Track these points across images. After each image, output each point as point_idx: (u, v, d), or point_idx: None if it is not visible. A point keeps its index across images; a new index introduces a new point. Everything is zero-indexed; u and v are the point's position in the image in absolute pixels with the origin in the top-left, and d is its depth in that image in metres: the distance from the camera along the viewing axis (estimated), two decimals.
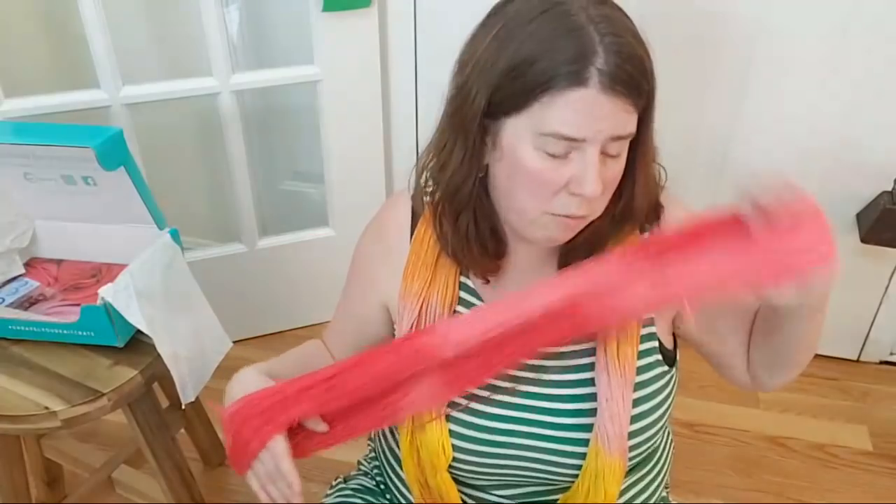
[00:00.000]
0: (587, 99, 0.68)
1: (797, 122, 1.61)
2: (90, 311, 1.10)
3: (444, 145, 0.79)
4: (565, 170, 0.72)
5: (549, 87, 0.68)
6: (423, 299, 0.85)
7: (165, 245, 1.18)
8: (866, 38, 1.49)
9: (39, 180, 1.21)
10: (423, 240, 0.87)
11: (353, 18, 1.61)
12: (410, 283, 0.86)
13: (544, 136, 0.70)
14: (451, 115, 0.78)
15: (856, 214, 1.67)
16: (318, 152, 1.81)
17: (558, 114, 0.69)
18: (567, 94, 0.68)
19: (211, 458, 1.63)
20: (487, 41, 0.73)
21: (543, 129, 0.70)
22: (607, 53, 0.68)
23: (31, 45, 1.74)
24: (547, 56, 0.68)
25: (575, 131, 0.69)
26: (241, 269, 1.87)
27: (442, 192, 0.81)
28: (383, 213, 0.95)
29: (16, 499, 1.36)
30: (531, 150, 0.72)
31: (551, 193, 0.73)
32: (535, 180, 0.73)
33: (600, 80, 0.68)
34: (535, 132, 0.71)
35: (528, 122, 0.71)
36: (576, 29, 0.69)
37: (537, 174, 0.72)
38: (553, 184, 0.72)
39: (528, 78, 0.69)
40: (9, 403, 1.06)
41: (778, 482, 1.62)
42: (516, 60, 0.70)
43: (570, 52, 0.68)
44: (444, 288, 0.86)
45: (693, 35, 1.55)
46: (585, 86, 0.68)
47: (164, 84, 1.60)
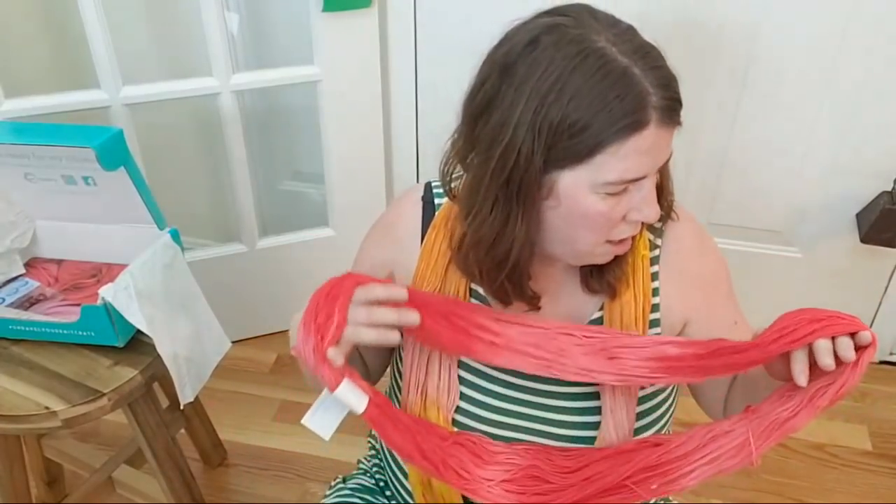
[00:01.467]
0: (649, 139, 0.69)
1: (797, 121, 1.61)
2: (90, 311, 1.10)
3: (492, 212, 0.74)
4: (624, 203, 0.73)
5: (613, 142, 0.68)
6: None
7: (165, 245, 1.18)
8: (866, 38, 1.49)
9: (39, 180, 1.21)
10: (434, 246, 0.86)
11: (353, 18, 1.61)
12: (421, 288, 0.86)
13: (608, 184, 0.70)
14: (500, 181, 0.72)
15: (856, 214, 1.67)
16: (318, 152, 1.80)
17: (622, 164, 0.69)
18: (630, 141, 0.68)
19: (211, 458, 1.63)
20: (524, 103, 0.68)
21: (607, 179, 0.70)
22: (656, 88, 0.68)
23: (31, 45, 1.74)
24: (603, 114, 0.67)
25: (639, 174, 0.71)
26: (241, 269, 1.87)
27: (487, 257, 0.77)
28: (391, 215, 0.94)
29: (16, 498, 1.36)
30: (591, 195, 0.71)
31: (611, 228, 0.74)
32: (597, 221, 0.73)
33: (659, 117, 0.68)
34: (596, 181, 0.70)
35: (589, 173, 0.70)
36: (622, 76, 0.67)
37: (600, 216, 0.73)
38: (615, 219, 0.74)
39: (586, 137, 0.68)
40: (9, 403, 1.07)
41: (778, 482, 1.62)
42: (569, 120, 0.67)
43: (627, 106, 0.67)
44: (453, 294, 0.85)
45: (692, 33, 1.55)
46: (647, 128, 0.68)
47: (164, 84, 1.60)
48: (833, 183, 1.66)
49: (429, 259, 0.86)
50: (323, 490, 1.08)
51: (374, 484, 1.04)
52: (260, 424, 1.75)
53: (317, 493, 1.58)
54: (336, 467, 1.60)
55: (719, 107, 1.64)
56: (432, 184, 0.92)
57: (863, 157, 1.61)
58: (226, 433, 1.66)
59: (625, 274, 0.82)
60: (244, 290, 1.89)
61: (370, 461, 1.08)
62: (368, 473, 1.06)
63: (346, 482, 1.05)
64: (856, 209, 1.67)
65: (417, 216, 0.90)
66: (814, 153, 1.64)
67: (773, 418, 0.71)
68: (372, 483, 1.04)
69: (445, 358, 0.85)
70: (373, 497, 1.01)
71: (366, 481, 1.04)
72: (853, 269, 1.75)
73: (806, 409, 0.70)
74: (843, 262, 1.75)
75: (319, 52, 1.64)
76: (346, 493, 1.02)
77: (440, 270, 0.86)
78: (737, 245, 1.77)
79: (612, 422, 0.82)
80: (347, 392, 0.72)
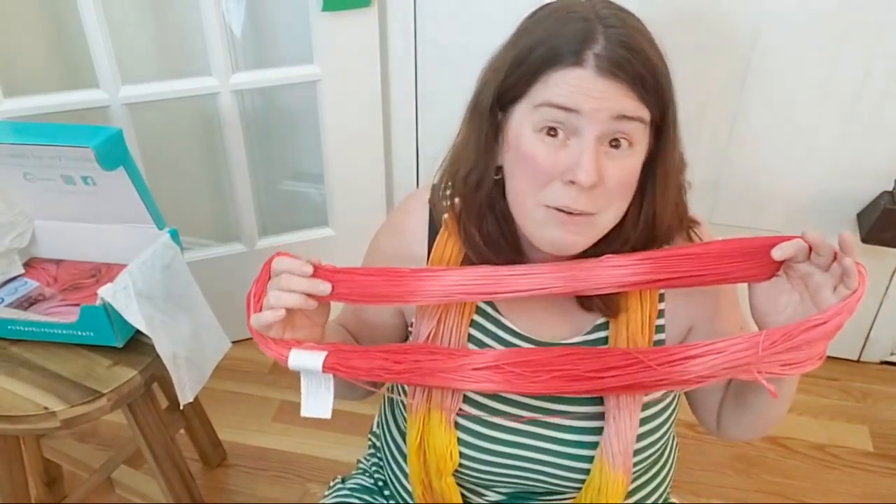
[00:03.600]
0: (583, 77, 0.69)
1: (797, 121, 1.61)
2: (90, 311, 1.10)
3: (464, 146, 0.80)
4: (561, 155, 0.71)
5: (548, 68, 0.70)
6: (444, 309, 0.84)
7: (165, 245, 1.18)
8: (867, 37, 1.49)
9: (39, 180, 1.21)
10: (444, 250, 0.86)
11: (353, 18, 1.61)
12: None
13: (539, 107, 0.71)
14: (469, 117, 0.80)
15: (856, 214, 1.67)
16: (317, 152, 1.80)
17: (553, 89, 0.70)
18: (563, 72, 0.70)
19: (211, 458, 1.63)
20: (504, 45, 0.77)
21: (538, 101, 0.71)
22: (607, 41, 0.69)
23: (31, 45, 1.74)
24: (549, 41, 0.71)
25: (568, 101, 0.70)
26: (240, 269, 1.86)
27: (462, 194, 0.82)
28: (398, 219, 0.93)
29: (15, 499, 1.36)
30: (530, 132, 0.72)
31: (546, 180, 0.72)
32: (531, 166, 0.73)
33: (597, 63, 0.69)
34: (531, 106, 0.72)
35: (528, 103, 0.72)
36: (581, 20, 0.71)
37: (532, 158, 0.72)
38: (548, 170, 0.72)
39: (530, 61, 0.71)
40: (8, 403, 1.06)
41: (778, 482, 1.61)
42: (523, 50, 0.72)
43: (570, 37, 0.70)
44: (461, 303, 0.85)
45: (691, 35, 1.55)
46: (582, 66, 0.69)
47: (163, 84, 1.60)
48: (833, 183, 1.66)
49: (440, 260, 0.86)
50: (322, 490, 1.08)
51: (373, 484, 1.04)
52: (259, 425, 1.75)
53: (316, 493, 1.58)
54: (335, 467, 1.60)
55: (719, 107, 1.64)
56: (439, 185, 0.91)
57: (863, 156, 1.61)
58: (225, 433, 1.66)
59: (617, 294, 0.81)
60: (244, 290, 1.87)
61: (369, 460, 1.08)
62: (367, 473, 1.06)
63: (345, 482, 1.05)
64: (856, 209, 1.67)
65: (424, 220, 0.89)
66: (814, 153, 1.64)
67: (786, 330, 0.71)
68: (371, 483, 1.04)
69: None
70: (371, 497, 1.01)
71: (364, 481, 1.04)
72: None
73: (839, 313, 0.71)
74: None
75: (319, 52, 1.64)
76: (344, 493, 1.02)
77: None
78: None
79: (614, 428, 0.81)
80: (300, 359, 0.75)
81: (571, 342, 0.85)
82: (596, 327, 0.84)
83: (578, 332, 0.85)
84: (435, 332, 0.85)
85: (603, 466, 0.82)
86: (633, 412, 0.81)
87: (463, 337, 0.85)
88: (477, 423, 0.86)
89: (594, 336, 0.84)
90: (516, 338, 0.86)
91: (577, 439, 0.84)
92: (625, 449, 0.81)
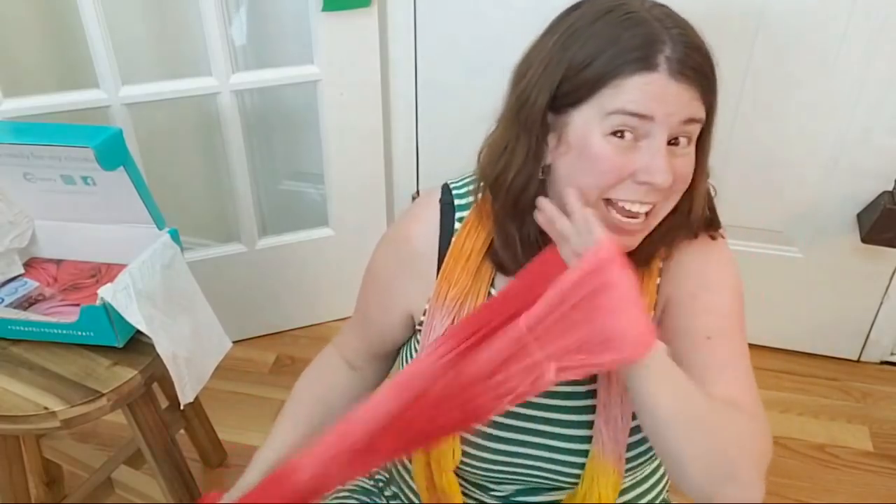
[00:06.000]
0: (657, 83, 0.69)
1: (797, 121, 1.61)
2: (90, 311, 1.10)
3: (505, 146, 0.78)
4: (634, 157, 0.71)
5: (618, 74, 0.69)
6: (459, 307, 0.85)
7: (165, 245, 1.18)
8: (867, 37, 1.49)
9: (39, 180, 1.21)
10: (465, 245, 0.86)
11: (352, 18, 1.61)
12: (446, 291, 0.85)
13: (611, 114, 0.70)
14: (513, 117, 0.77)
15: (856, 214, 1.67)
16: (317, 152, 1.80)
17: (626, 95, 0.69)
18: (636, 77, 0.69)
19: (211, 459, 1.63)
20: (550, 45, 0.74)
21: (612, 108, 0.70)
22: (674, 43, 0.69)
23: (30, 45, 1.74)
24: (613, 47, 0.69)
25: (643, 108, 0.69)
26: (240, 269, 1.86)
27: (505, 196, 0.80)
28: (406, 223, 0.93)
29: (15, 499, 1.36)
30: (600, 136, 0.71)
31: (616, 179, 0.72)
32: (601, 166, 0.72)
33: (669, 66, 0.69)
34: (602, 113, 0.70)
35: (598, 108, 0.71)
36: (641, 22, 0.70)
37: (605, 160, 0.71)
38: (620, 171, 0.72)
39: (595, 68, 0.70)
40: (8, 403, 1.06)
41: (778, 482, 1.61)
42: (581, 55, 0.71)
43: (637, 41, 0.69)
44: (475, 298, 0.85)
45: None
46: (655, 70, 0.69)
47: (163, 84, 1.60)
48: (833, 183, 1.65)
49: (458, 257, 0.86)
50: None
51: (374, 484, 1.04)
52: (260, 425, 1.74)
53: None
54: None
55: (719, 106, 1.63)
56: (451, 185, 0.91)
57: (863, 156, 1.61)
58: (225, 433, 1.66)
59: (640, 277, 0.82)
60: (244, 290, 1.89)
61: None
62: (368, 473, 1.06)
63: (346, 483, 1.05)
64: (856, 209, 1.67)
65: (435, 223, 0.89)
66: (814, 153, 1.64)
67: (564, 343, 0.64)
68: (371, 483, 1.04)
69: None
70: (371, 498, 1.02)
71: (364, 482, 1.04)
72: (853, 269, 1.74)
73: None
74: (844, 262, 1.74)
75: (319, 52, 1.64)
76: (344, 493, 1.02)
77: (472, 268, 0.85)
78: (737, 245, 1.75)
79: (603, 417, 0.82)
80: None
81: None
82: None
83: None
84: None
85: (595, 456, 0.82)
86: (624, 402, 0.81)
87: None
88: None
89: None
90: None
91: (573, 433, 0.85)
92: (615, 436, 0.82)
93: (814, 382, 1.84)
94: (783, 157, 1.66)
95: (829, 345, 1.88)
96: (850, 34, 1.49)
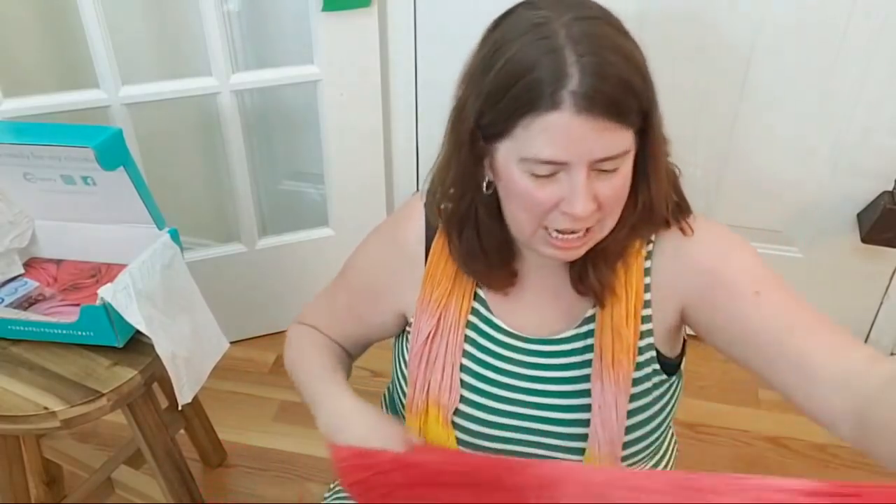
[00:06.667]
0: (561, 122, 0.67)
1: (798, 121, 1.61)
2: (90, 311, 1.10)
3: (445, 162, 0.80)
4: (554, 189, 0.71)
5: (527, 112, 0.68)
6: (443, 307, 0.86)
7: (165, 245, 1.18)
8: (867, 37, 1.49)
9: (39, 180, 1.21)
10: (443, 250, 0.87)
11: (353, 18, 1.61)
12: (430, 292, 0.87)
13: (526, 160, 0.70)
14: (450, 131, 0.78)
15: (856, 214, 1.67)
16: (318, 152, 1.80)
17: (536, 138, 0.68)
18: (543, 118, 0.67)
19: (211, 458, 1.63)
20: (478, 62, 0.73)
21: (524, 154, 0.70)
22: (582, 74, 0.66)
23: (31, 45, 1.74)
24: (523, 80, 0.67)
25: (554, 154, 0.68)
26: (240, 269, 1.86)
27: (447, 207, 0.82)
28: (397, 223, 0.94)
29: (15, 499, 1.36)
30: (518, 171, 0.71)
31: (543, 212, 0.73)
32: (525, 202, 0.73)
33: (574, 102, 0.66)
34: (518, 157, 0.70)
35: (513, 147, 0.71)
36: (552, 51, 0.67)
37: (527, 195, 0.72)
38: (543, 203, 0.72)
39: (507, 101, 0.69)
40: (8, 403, 1.06)
41: None
42: (497, 83, 0.70)
43: (542, 74, 0.66)
44: (460, 298, 0.86)
45: (692, 33, 1.55)
46: (559, 109, 0.66)
47: (163, 84, 1.60)
48: (834, 183, 1.65)
49: (438, 262, 0.87)
50: (323, 490, 1.07)
51: None
52: (260, 425, 1.75)
53: (316, 493, 1.58)
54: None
55: (719, 106, 1.64)
56: None
57: (863, 156, 1.61)
58: (225, 433, 1.66)
59: (614, 275, 0.81)
60: (243, 290, 1.89)
61: None
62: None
63: None
64: (856, 209, 1.67)
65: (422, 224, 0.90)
66: (814, 153, 1.64)
67: None
68: None
69: (449, 358, 0.86)
70: None
71: None
72: (854, 269, 1.74)
73: None
74: (844, 262, 1.74)
75: (319, 52, 1.64)
76: (345, 493, 1.02)
77: (451, 273, 0.86)
78: None
79: (599, 419, 0.82)
80: None
81: (562, 337, 0.85)
82: (585, 320, 0.85)
83: (570, 325, 0.85)
84: (435, 330, 0.86)
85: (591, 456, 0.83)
86: (619, 403, 0.81)
87: (460, 338, 0.86)
88: (473, 422, 0.87)
89: (584, 329, 0.84)
90: (508, 336, 0.87)
91: (569, 431, 0.85)
92: (610, 437, 0.82)
93: None
94: (783, 158, 1.66)
95: None
96: (850, 34, 1.49)
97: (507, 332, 0.87)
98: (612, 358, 0.81)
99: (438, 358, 0.86)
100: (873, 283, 1.77)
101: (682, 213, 0.83)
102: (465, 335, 0.87)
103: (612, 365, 0.81)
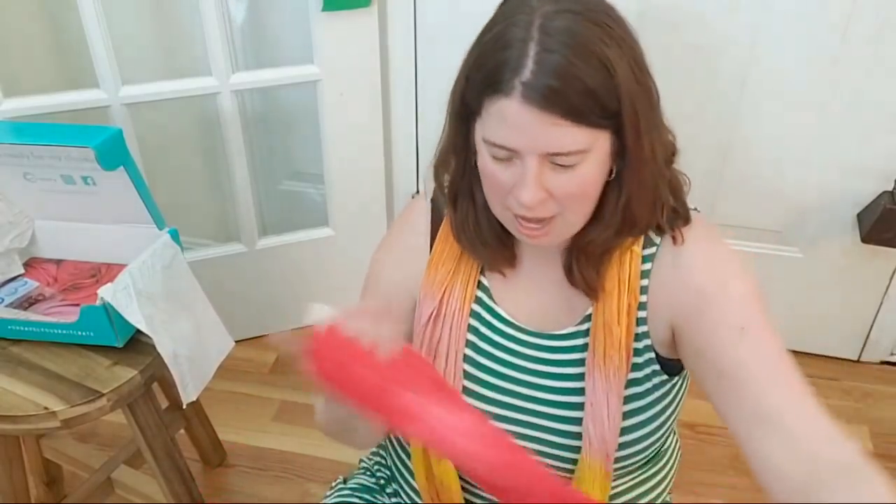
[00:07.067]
0: (511, 110, 0.69)
1: (798, 121, 1.61)
2: (90, 311, 1.10)
3: (445, 135, 0.82)
4: (511, 173, 0.73)
5: (490, 93, 0.70)
6: (446, 288, 0.87)
7: (165, 245, 1.18)
8: (867, 37, 1.49)
9: (39, 180, 1.21)
10: (449, 236, 0.88)
11: (352, 18, 1.61)
12: (434, 274, 0.87)
13: (486, 141, 0.73)
14: (448, 102, 0.80)
15: (856, 214, 1.67)
16: (317, 152, 1.80)
17: (491, 122, 0.71)
18: (498, 102, 0.70)
19: (211, 458, 1.63)
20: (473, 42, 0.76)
21: (485, 135, 0.73)
22: (537, 67, 0.67)
23: (31, 45, 1.74)
24: (493, 61, 0.70)
25: (504, 140, 0.71)
26: (240, 269, 1.87)
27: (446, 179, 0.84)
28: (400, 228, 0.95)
29: (15, 499, 1.36)
30: (484, 151, 0.75)
31: (504, 193, 0.75)
32: (489, 180, 0.76)
33: (522, 92, 0.68)
34: (482, 136, 0.74)
35: (480, 126, 0.74)
36: (521, 40, 0.69)
37: (491, 175, 0.75)
38: (503, 185, 0.74)
39: (479, 79, 0.72)
40: (8, 403, 1.06)
41: None
42: (476, 59, 0.73)
43: (508, 61, 0.69)
44: (464, 282, 0.87)
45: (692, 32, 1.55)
46: (509, 96, 0.68)
47: (163, 84, 1.60)
48: (833, 183, 1.65)
49: (444, 245, 0.88)
50: (323, 490, 1.08)
51: (375, 482, 1.04)
52: (259, 425, 1.75)
53: (317, 493, 1.58)
54: (336, 467, 1.60)
55: (719, 106, 1.64)
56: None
57: (863, 156, 1.61)
58: (225, 433, 1.66)
59: (597, 274, 0.81)
60: (244, 290, 1.89)
61: (372, 459, 1.08)
62: (369, 472, 1.06)
63: (347, 482, 1.05)
64: (856, 209, 1.67)
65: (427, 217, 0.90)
66: (814, 153, 1.64)
67: None
68: (373, 482, 1.04)
69: (453, 346, 0.86)
70: (373, 496, 1.02)
71: (366, 480, 1.04)
72: (853, 269, 1.74)
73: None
74: (844, 262, 1.74)
75: (319, 52, 1.64)
76: (346, 493, 1.02)
77: (455, 253, 0.87)
78: (737, 245, 1.77)
79: (591, 417, 0.82)
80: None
81: (563, 333, 0.85)
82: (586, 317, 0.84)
83: (572, 321, 0.85)
84: (437, 312, 0.86)
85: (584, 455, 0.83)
86: (611, 400, 0.82)
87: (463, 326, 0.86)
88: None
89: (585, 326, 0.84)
90: (510, 327, 0.87)
91: (564, 428, 0.85)
92: (601, 435, 0.82)
93: (814, 382, 1.81)
94: (783, 158, 1.66)
95: (829, 345, 1.88)
96: (850, 34, 1.49)
97: (510, 322, 0.87)
98: (604, 353, 0.81)
99: (441, 343, 0.87)
100: (873, 283, 1.77)
101: (678, 220, 0.82)
102: (468, 325, 0.87)
103: (604, 361, 0.81)
